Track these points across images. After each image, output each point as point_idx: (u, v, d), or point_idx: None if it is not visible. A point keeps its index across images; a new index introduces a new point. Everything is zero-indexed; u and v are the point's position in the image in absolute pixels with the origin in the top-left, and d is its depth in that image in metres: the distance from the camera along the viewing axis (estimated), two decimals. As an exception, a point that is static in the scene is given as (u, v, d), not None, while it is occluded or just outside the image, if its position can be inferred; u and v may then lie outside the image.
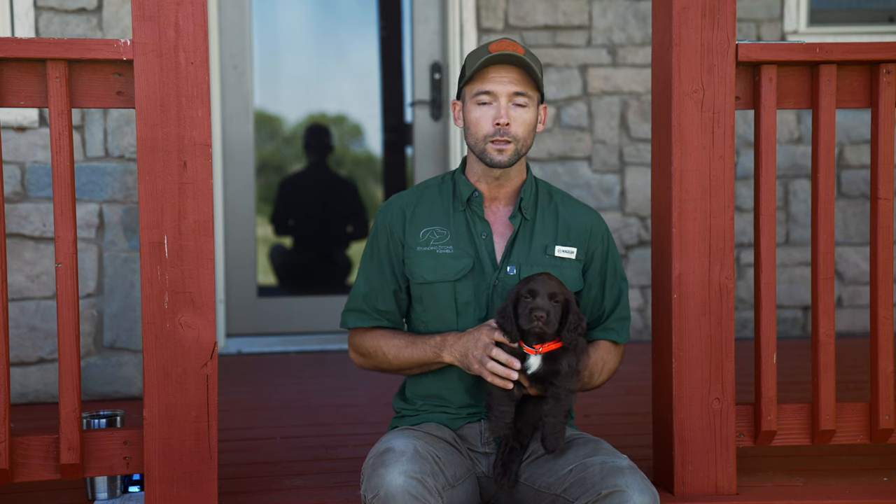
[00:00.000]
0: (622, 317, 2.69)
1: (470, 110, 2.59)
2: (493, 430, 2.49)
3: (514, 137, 2.56)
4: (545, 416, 2.46)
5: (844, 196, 5.43)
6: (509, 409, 2.47)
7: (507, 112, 2.54)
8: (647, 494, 2.32)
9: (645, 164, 5.32)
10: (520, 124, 2.56)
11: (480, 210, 2.63)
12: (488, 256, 2.61)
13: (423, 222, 2.64)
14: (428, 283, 2.61)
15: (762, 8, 5.38)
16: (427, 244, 2.62)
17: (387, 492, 2.26)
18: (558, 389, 2.44)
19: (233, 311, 5.40)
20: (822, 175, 2.84)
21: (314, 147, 5.76)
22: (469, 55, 2.62)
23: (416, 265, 2.62)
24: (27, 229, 4.05)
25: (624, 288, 2.70)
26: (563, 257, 2.62)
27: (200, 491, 2.64)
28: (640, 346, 4.31)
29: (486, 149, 2.57)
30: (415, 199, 2.68)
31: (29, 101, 2.61)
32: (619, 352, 2.71)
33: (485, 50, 2.56)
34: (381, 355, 2.63)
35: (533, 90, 2.58)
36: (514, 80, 2.55)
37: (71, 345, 2.60)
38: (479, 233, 2.62)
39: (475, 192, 2.64)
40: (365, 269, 2.69)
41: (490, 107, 2.56)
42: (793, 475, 2.99)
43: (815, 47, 2.79)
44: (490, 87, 2.55)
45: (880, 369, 2.87)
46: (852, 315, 5.44)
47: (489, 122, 2.55)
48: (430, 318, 2.62)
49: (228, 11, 5.33)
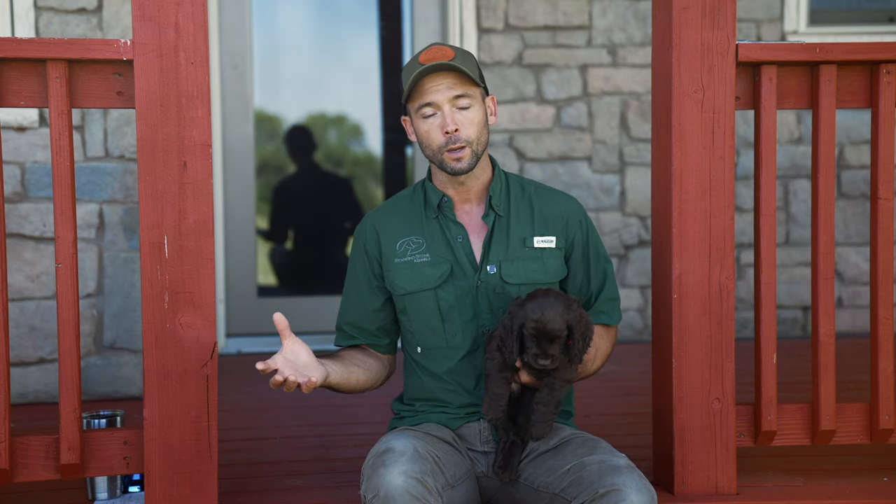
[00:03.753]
0: (610, 297, 2.68)
1: (418, 125, 2.58)
2: (487, 413, 2.46)
3: (468, 140, 2.55)
4: (535, 404, 2.44)
5: (844, 196, 5.43)
6: (504, 392, 2.45)
7: (453, 118, 2.53)
8: (644, 493, 2.32)
9: (645, 164, 5.32)
10: (468, 125, 2.55)
11: (452, 214, 2.63)
12: (467, 259, 2.60)
13: (397, 234, 2.64)
14: (410, 293, 2.61)
15: (762, 8, 5.38)
16: (404, 255, 2.62)
17: (387, 492, 2.26)
18: (554, 379, 2.43)
19: (233, 311, 5.40)
20: (822, 175, 2.84)
21: (300, 149, 5.76)
22: (403, 71, 2.61)
23: (396, 277, 2.62)
24: (27, 229, 4.05)
25: (609, 269, 2.69)
26: (542, 247, 2.62)
27: (200, 491, 2.64)
28: (640, 346, 4.32)
29: (444, 159, 2.56)
30: (386, 213, 2.69)
31: (29, 101, 2.61)
32: (611, 334, 2.70)
33: (415, 63, 2.55)
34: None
35: (472, 87, 2.56)
36: (451, 84, 2.53)
37: (71, 345, 2.60)
38: (455, 236, 2.62)
39: (444, 197, 2.63)
40: (346, 291, 2.72)
41: (435, 117, 2.55)
42: (793, 475, 2.99)
43: (815, 47, 2.79)
44: (430, 99, 2.54)
45: (880, 369, 2.87)
46: (852, 315, 5.44)
47: (439, 133, 2.55)
48: (416, 327, 2.63)
49: (228, 11, 5.33)
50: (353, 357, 2.63)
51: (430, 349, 2.62)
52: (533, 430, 2.45)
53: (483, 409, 2.48)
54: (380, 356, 2.71)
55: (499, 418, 2.47)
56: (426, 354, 2.63)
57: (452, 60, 2.52)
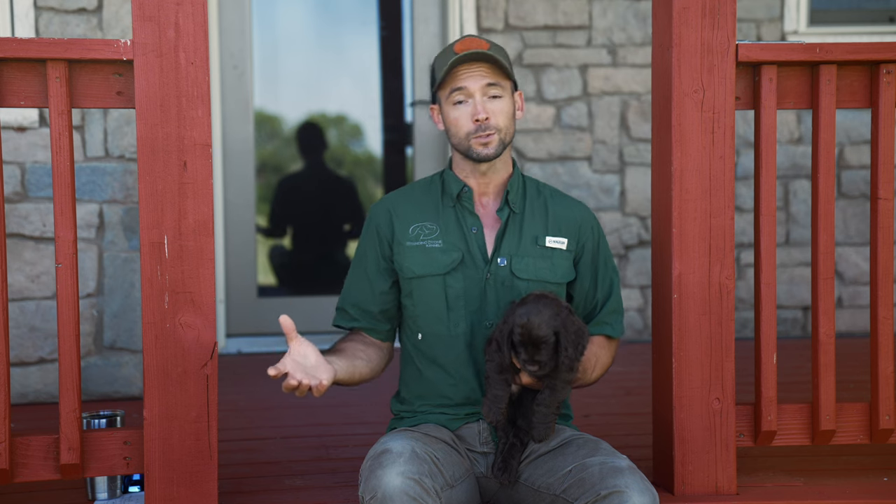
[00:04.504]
0: (614, 309, 2.69)
1: (448, 112, 2.61)
2: (487, 415, 2.46)
3: (496, 128, 2.58)
4: (537, 405, 2.45)
5: (844, 196, 5.43)
6: (504, 394, 2.46)
7: (484, 106, 2.56)
8: (646, 495, 2.32)
9: (645, 164, 5.32)
10: (498, 114, 2.58)
11: (471, 204, 2.65)
12: (479, 250, 2.62)
13: (412, 219, 2.66)
14: (418, 276, 2.61)
15: (762, 8, 5.38)
16: (416, 239, 2.63)
17: (384, 493, 2.25)
18: (555, 380, 2.43)
19: (233, 311, 5.40)
20: (822, 175, 2.84)
21: (308, 147, 5.76)
22: (436, 59, 2.64)
23: (405, 260, 2.63)
24: (27, 229, 4.05)
25: (615, 280, 2.71)
26: (553, 247, 2.63)
27: (200, 491, 2.64)
28: (640, 346, 4.31)
29: (471, 145, 2.59)
30: (403, 197, 2.71)
31: (29, 101, 2.61)
32: (612, 347, 2.71)
33: (450, 51, 2.58)
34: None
35: (504, 80, 2.60)
36: (484, 73, 2.57)
37: (71, 345, 2.60)
38: (470, 227, 2.63)
39: (465, 187, 2.65)
40: (352, 270, 2.72)
41: (466, 105, 2.58)
42: (793, 475, 2.99)
43: (815, 47, 2.79)
44: (462, 84, 2.57)
45: (880, 369, 2.87)
46: (852, 315, 5.45)
47: (468, 120, 2.57)
48: (419, 312, 2.63)
49: (228, 11, 5.33)
50: (355, 350, 2.63)
51: (431, 336, 2.62)
52: (534, 432, 2.45)
53: (483, 411, 2.48)
54: (379, 343, 2.70)
55: (498, 420, 2.48)
56: (427, 341, 2.63)
57: (487, 51, 2.56)
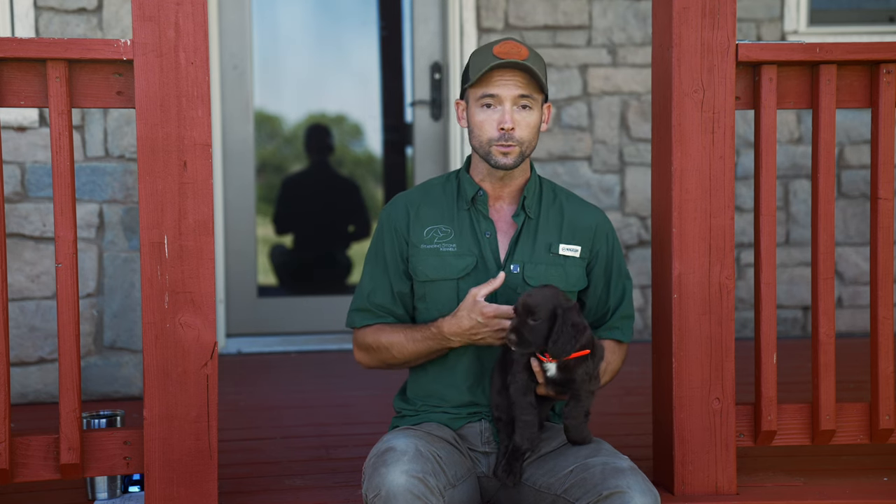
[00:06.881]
0: (626, 315, 2.69)
1: (474, 113, 2.59)
2: (522, 444, 2.48)
3: (519, 141, 2.56)
4: (565, 418, 2.48)
5: (844, 196, 5.43)
6: (533, 419, 2.48)
7: (512, 116, 2.54)
8: (648, 496, 2.32)
9: (645, 164, 5.32)
10: (524, 127, 2.56)
11: (485, 208, 2.64)
12: (492, 255, 2.61)
13: (427, 220, 2.64)
14: (431, 280, 2.61)
15: (762, 8, 5.38)
16: (431, 242, 2.62)
17: (388, 491, 2.26)
18: (578, 391, 2.45)
19: (233, 311, 5.39)
20: (822, 175, 2.84)
21: (315, 147, 5.76)
22: (473, 56, 2.61)
23: (419, 263, 2.62)
24: (27, 229, 4.05)
25: (628, 286, 2.71)
26: (566, 255, 2.63)
27: (200, 491, 2.64)
28: (640, 346, 4.30)
29: (491, 151, 2.57)
30: (419, 197, 2.69)
31: (29, 101, 2.61)
32: (622, 351, 2.71)
33: (489, 53, 2.55)
34: (385, 350, 2.63)
35: (537, 92, 2.58)
36: (519, 83, 2.55)
37: (71, 345, 2.60)
38: (483, 231, 2.62)
39: (480, 190, 2.64)
40: (370, 268, 2.70)
41: (495, 110, 2.56)
42: (793, 475, 3.00)
43: (815, 47, 2.79)
44: (495, 91, 2.55)
45: (880, 369, 2.87)
46: (852, 315, 5.44)
47: (494, 127, 2.56)
48: (432, 317, 2.62)
49: (228, 11, 5.33)
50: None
51: None
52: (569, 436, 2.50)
53: (516, 440, 2.49)
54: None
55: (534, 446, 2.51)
56: None
57: (526, 60, 2.54)
